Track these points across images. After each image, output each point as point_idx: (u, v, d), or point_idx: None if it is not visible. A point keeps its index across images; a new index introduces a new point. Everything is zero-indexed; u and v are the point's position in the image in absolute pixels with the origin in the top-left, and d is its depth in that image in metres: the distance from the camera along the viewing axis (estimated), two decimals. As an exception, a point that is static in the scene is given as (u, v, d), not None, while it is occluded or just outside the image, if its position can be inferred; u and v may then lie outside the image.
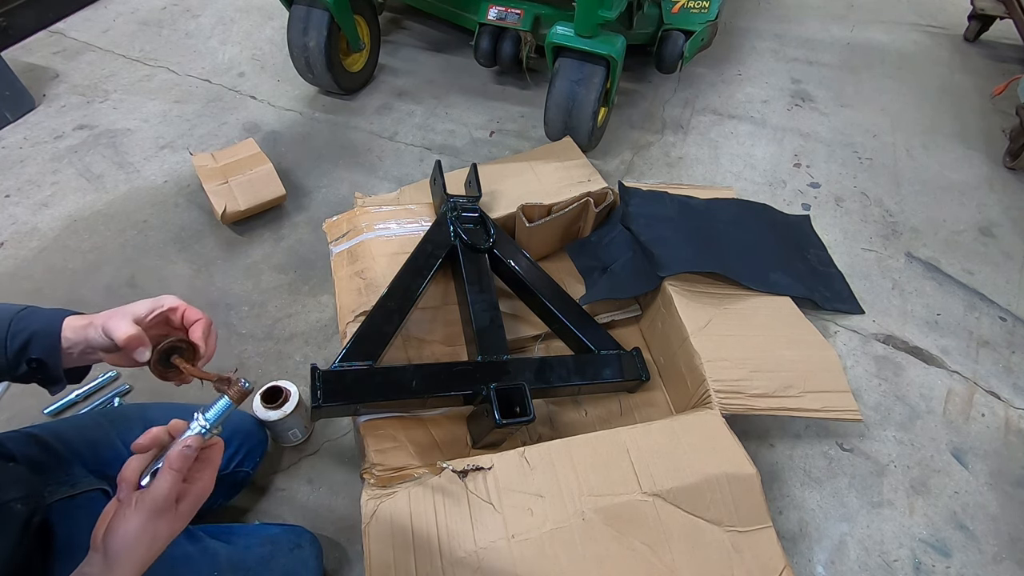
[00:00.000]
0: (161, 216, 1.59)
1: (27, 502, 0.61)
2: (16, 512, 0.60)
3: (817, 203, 1.72)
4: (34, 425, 0.80)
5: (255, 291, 1.43)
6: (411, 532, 0.84)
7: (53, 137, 1.81)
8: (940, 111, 2.08)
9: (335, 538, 1.04)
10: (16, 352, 0.62)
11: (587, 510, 0.86)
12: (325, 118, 1.92)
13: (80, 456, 0.78)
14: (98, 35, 2.23)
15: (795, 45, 2.39)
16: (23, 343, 0.62)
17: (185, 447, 0.57)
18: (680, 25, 1.88)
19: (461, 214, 1.24)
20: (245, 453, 0.97)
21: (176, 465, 0.55)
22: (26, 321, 0.63)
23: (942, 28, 2.52)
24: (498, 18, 1.86)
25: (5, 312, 0.64)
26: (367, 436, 0.97)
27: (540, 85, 2.04)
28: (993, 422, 1.26)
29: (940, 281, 1.53)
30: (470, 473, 0.87)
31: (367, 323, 1.04)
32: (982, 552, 1.08)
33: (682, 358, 1.14)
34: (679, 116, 2.01)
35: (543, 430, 1.16)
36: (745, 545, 0.88)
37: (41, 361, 0.63)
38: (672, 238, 1.29)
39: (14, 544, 0.59)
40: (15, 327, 0.62)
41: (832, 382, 1.13)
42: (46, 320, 0.64)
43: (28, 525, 0.61)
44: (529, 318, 1.28)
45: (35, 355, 0.63)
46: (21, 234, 1.53)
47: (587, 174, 1.44)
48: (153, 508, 0.54)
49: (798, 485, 1.15)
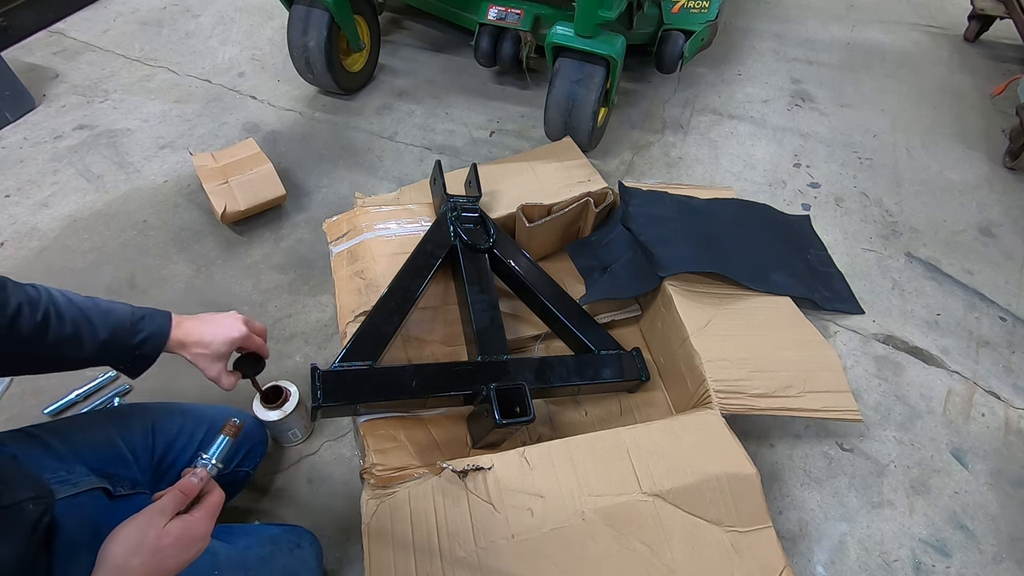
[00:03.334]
0: (161, 216, 1.59)
1: (37, 502, 0.61)
2: (27, 512, 0.60)
3: (817, 203, 1.72)
4: (34, 425, 0.80)
5: (255, 291, 1.43)
6: (411, 532, 0.84)
7: (53, 137, 1.81)
8: (940, 111, 2.08)
9: (335, 538, 1.04)
10: (133, 347, 0.76)
11: (587, 510, 0.86)
12: (325, 118, 1.92)
13: (81, 455, 0.78)
14: (98, 35, 2.23)
15: (795, 45, 2.39)
16: (140, 342, 0.77)
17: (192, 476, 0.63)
18: (680, 25, 1.88)
19: (461, 214, 1.24)
20: (245, 453, 0.97)
21: (181, 487, 0.61)
22: (144, 324, 0.77)
23: (942, 28, 2.52)
24: (498, 18, 1.86)
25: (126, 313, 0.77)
26: (367, 436, 0.97)
27: (540, 85, 2.04)
28: (993, 422, 1.26)
29: (940, 281, 1.53)
30: (470, 473, 0.87)
31: (367, 323, 1.04)
32: (982, 552, 1.08)
33: (682, 358, 1.14)
34: (679, 116, 2.01)
35: (543, 430, 1.16)
36: (745, 545, 0.88)
37: (145, 357, 0.78)
38: (672, 238, 1.29)
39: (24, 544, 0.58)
40: (137, 327, 0.76)
41: (832, 382, 1.13)
42: (159, 326, 0.79)
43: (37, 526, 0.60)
44: (529, 318, 1.28)
45: (142, 352, 0.77)
46: (21, 234, 1.53)
47: (587, 174, 1.43)
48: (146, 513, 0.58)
49: (798, 485, 1.15)
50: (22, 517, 0.59)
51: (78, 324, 0.71)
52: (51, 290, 0.72)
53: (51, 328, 0.69)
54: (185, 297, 1.41)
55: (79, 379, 1.23)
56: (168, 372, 1.26)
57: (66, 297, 0.73)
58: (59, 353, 0.71)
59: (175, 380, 1.24)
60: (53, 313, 0.70)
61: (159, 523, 0.57)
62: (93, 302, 0.75)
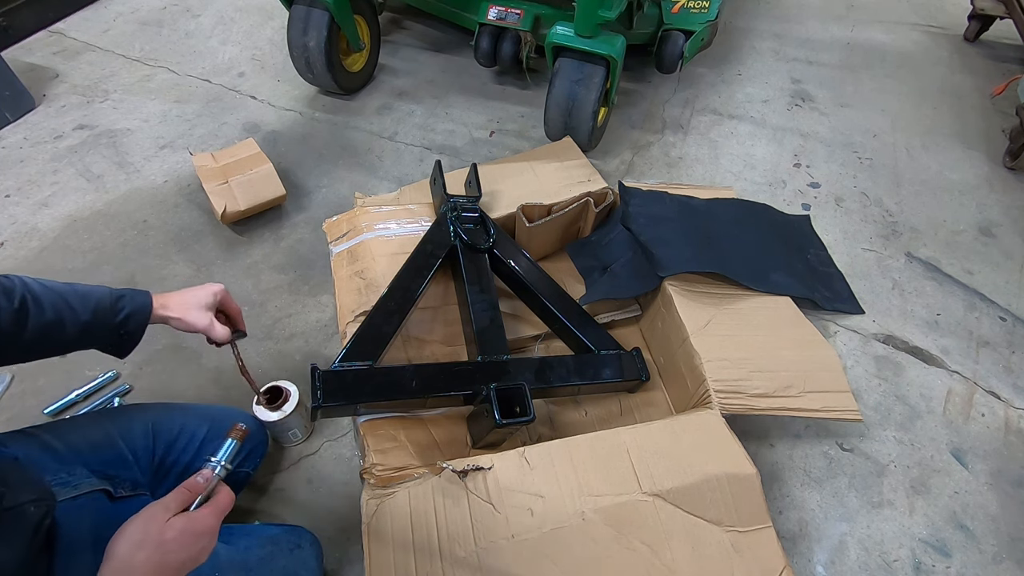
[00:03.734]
0: (161, 216, 1.59)
1: (39, 505, 0.61)
2: (29, 515, 0.59)
3: (817, 203, 1.72)
4: (35, 425, 0.80)
5: (255, 291, 1.43)
6: (411, 532, 0.84)
7: (53, 137, 1.81)
8: (940, 111, 2.08)
9: (335, 538, 1.04)
10: (116, 326, 0.78)
11: (587, 510, 0.86)
12: (325, 118, 1.92)
13: (81, 456, 0.78)
14: (98, 35, 2.23)
15: (795, 45, 2.39)
16: (123, 320, 0.78)
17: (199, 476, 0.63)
18: (680, 25, 1.88)
19: (461, 214, 1.24)
20: (246, 454, 0.97)
21: (187, 485, 0.62)
22: (124, 302, 0.79)
23: (942, 28, 2.52)
24: (498, 18, 1.86)
25: (105, 293, 0.78)
26: (367, 436, 0.97)
27: (540, 85, 2.04)
28: (993, 422, 1.26)
29: (940, 281, 1.53)
30: (470, 473, 0.87)
31: (367, 323, 1.04)
32: (982, 552, 1.08)
33: (682, 358, 1.14)
34: (679, 116, 2.01)
35: (543, 430, 1.16)
36: (745, 545, 0.88)
37: (130, 334, 0.80)
38: (672, 238, 1.29)
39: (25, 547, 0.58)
40: (117, 306, 0.78)
41: (832, 382, 1.13)
42: (140, 303, 0.80)
43: (39, 528, 0.60)
44: (529, 318, 1.28)
45: (127, 330, 0.79)
46: (21, 234, 1.53)
47: (587, 174, 1.44)
48: (150, 508, 0.58)
49: (798, 485, 1.15)
50: (23, 520, 0.59)
51: (58, 309, 0.73)
52: (25, 278, 0.73)
53: (31, 314, 0.70)
54: (185, 297, 1.41)
55: (79, 379, 1.23)
56: (168, 372, 1.26)
57: (42, 284, 0.73)
58: (43, 338, 0.72)
59: (175, 380, 1.24)
60: (30, 300, 0.71)
61: (162, 518, 0.57)
62: (70, 287, 0.76)
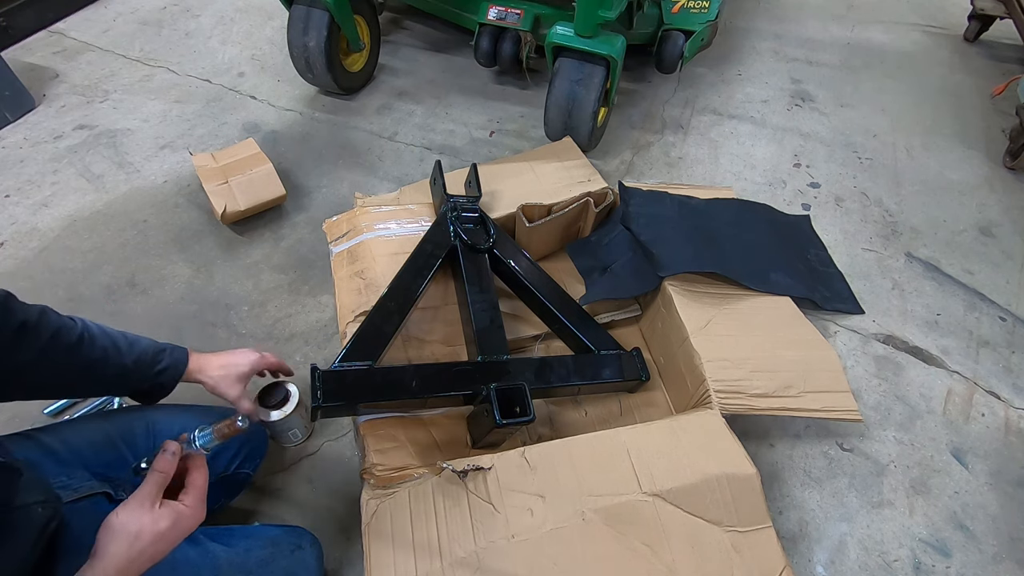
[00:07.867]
0: (161, 216, 1.59)
1: (46, 507, 0.61)
2: (36, 516, 0.60)
3: (817, 203, 1.72)
4: (36, 428, 0.80)
5: (255, 291, 1.43)
6: (411, 532, 0.84)
7: (53, 137, 1.81)
8: (940, 111, 2.08)
9: (335, 538, 1.04)
10: (152, 376, 0.82)
11: (587, 510, 0.86)
12: (325, 118, 1.92)
13: (82, 458, 0.78)
14: (98, 35, 2.23)
15: (795, 45, 2.39)
16: (159, 371, 0.83)
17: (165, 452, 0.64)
18: (680, 25, 1.88)
19: (461, 214, 1.24)
20: (246, 455, 0.97)
21: (159, 467, 0.62)
22: (164, 355, 0.84)
23: (942, 28, 2.52)
24: (498, 18, 1.86)
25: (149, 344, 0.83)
26: (367, 436, 0.97)
27: (540, 85, 2.04)
28: (993, 422, 1.26)
29: (940, 281, 1.53)
30: (470, 473, 0.87)
31: (367, 323, 1.04)
32: (982, 552, 1.08)
33: (682, 358, 1.14)
34: (679, 116, 2.01)
35: (543, 430, 1.16)
36: (745, 545, 0.88)
37: (163, 386, 0.85)
38: (672, 238, 1.29)
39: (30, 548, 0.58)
40: (157, 358, 0.83)
41: (832, 382, 1.13)
42: (177, 359, 0.85)
43: (45, 530, 0.60)
44: (529, 318, 1.28)
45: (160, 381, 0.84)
46: (21, 234, 1.53)
47: (587, 174, 1.43)
48: (133, 501, 0.59)
49: (798, 485, 1.15)
50: (31, 520, 0.59)
51: (106, 349, 0.78)
52: (86, 320, 0.79)
53: (84, 348, 0.76)
54: (185, 297, 1.41)
55: (79, 379, 1.23)
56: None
57: (99, 327, 0.80)
58: (86, 373, 0.77)
59: (175, 380, 1.24)
60: (87, 337, 0.76)
61: (150, 509, 0.59)
62: (122, 333, 0.82)
